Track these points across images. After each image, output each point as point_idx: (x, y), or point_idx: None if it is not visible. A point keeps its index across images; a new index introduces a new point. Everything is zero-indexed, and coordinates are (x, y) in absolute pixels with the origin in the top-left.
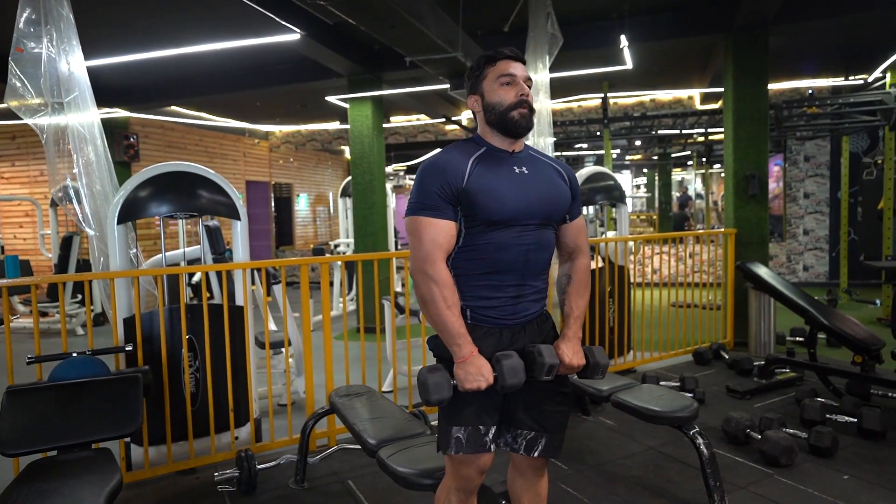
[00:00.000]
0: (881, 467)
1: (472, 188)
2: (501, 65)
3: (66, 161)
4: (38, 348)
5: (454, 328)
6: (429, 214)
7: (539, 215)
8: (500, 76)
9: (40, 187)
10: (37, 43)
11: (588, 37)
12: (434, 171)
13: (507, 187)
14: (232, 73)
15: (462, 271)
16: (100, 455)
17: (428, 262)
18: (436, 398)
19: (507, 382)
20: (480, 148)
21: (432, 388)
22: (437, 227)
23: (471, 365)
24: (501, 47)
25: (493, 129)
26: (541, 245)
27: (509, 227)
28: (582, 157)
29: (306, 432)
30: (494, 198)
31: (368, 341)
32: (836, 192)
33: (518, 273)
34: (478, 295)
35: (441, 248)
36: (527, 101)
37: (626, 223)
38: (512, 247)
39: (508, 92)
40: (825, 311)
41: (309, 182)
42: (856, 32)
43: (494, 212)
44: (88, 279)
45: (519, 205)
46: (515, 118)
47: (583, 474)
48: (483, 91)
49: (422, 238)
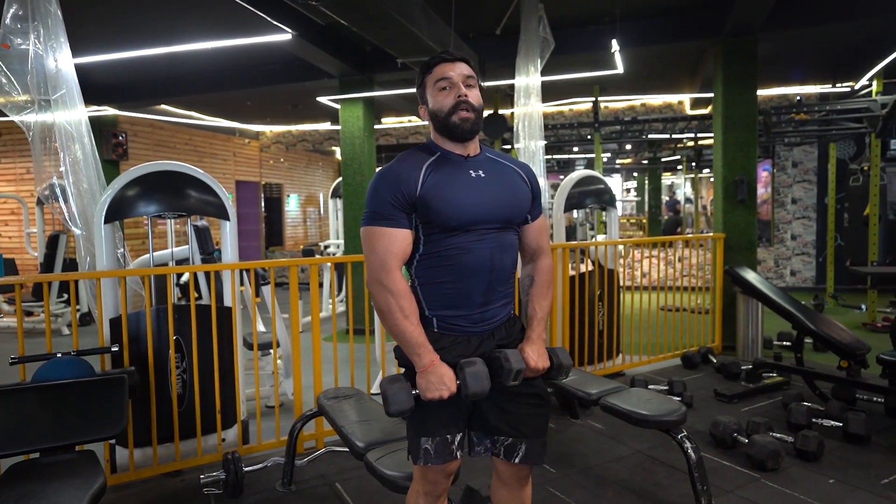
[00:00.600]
0: (866, 471)
1: (427, 195)
2: (437, 69)
3: (52, 159)
4: (21, 348)
5: (413, 338)
6: (383, 224)
7: (498, 218)
8: (437, 81)
9: (26, 185)
10: (24, 39)
11: (579, 41)
12: (387, 180)
13: (463, 192)
14: (223, 72)
15: (426, 280)
16: (83, 457)
17: (383, 272)
18: (395, 409)
19: (471, 390)
20: (434, 154)
21: (391, 400)
22: (391, 236)
23: (432, 374)
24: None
25: (442, 135)
26: (503, 247)
27: (468, 231)
28: (573, 160)
29: (294, 434)
30: (450, 204)
31: (357, 343)
32: (823, 198)
33: (485, 278)
34: (444, 304)
35: (396, 257)
36: (465, 101)
37: (615, 227)
38: (474, 251)
39: (446, 97)
40: (812, 315)
41: (299, 182)
42: (843, 40)
43: (451, 217)
44: (74, 279)
45: (476, 209)
46: (457, 122)
47: (571, 478)
48: (427, 98)
49: (375, 248)
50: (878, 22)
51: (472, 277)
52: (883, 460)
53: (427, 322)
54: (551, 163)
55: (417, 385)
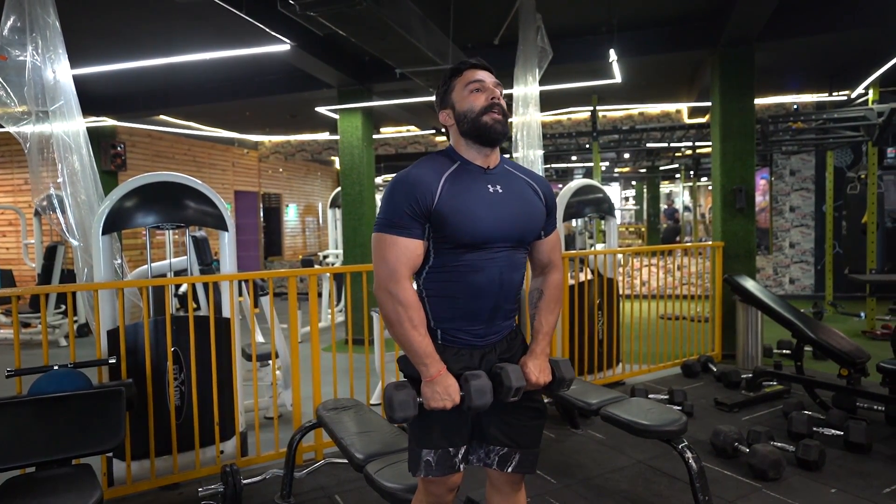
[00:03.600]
0: (867, 481)
1: (444, 209)
2: (468, 73)
3: (50, 170)
4: (17, 360)
5: (421, 348)
6: (395, 233)
7: (512, 237)
8: (469, 83)
9: (24, 196)
10: (21, 51)
11: (577, 51)
12: (404, 188)
13: (479, 208)
14: (221, 83)
15: (434, 293)
16: (80, 471)
17: (392, 281)
18: (400, 416)
19: (475, 404)
20: (454, 163)
21: (397, 406)
22: (403, 246)
23: (438, 384)
24: (472, 58)
25: (468, 139)
26: (513, 265)
27: (480, 249)
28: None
29: (293, 446)
30: (468, 219)
31: (357, 353)
32: (821, 206)
33: (492, 297)
34: (450, 317)
35: (406, 267)
36: (499, 104)
37: (614, 235)
38: (485, 269)
39: (478, 97)
40: (811, 324)
41: (298, 192)
42: (839, 50)
43: (467, 234)
44: (71, 290)
45: (493, 227)
46: (489, 123)
47: (571, 488)
48: (453, 102)
49: (386, 257)
50: (873, 32)
51: (481, 297)
52: (884, 469)
53: (431, 333)
54: (550, 172)
55: (422, 394)
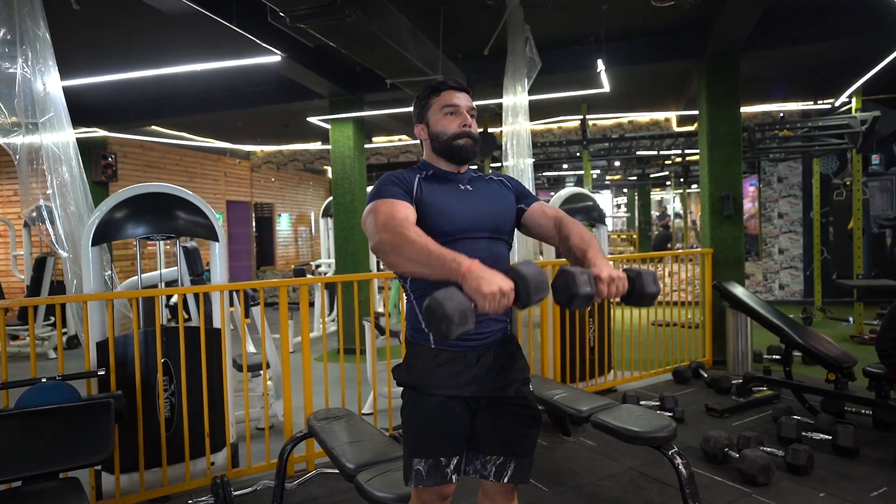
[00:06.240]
0: (856, 484)
1: (422, 202)
2: (445, 95)
3: (39, 181)
4: (4, 373)
5: (442, 251)
6: (388, 196)
7: (488, 226)
8: (444, 106)
9: (13, 207)
10: (11, 63)
11: (566, 61)
12: (391, 178)
13: (454, 202)
14: (213, 93)
15: (420, 294)
16: (67, 485)
17: (391, 220)
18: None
19: (533, 298)
20: (428, 170)
21: (458, 318)
22: (398, 202)
23: (482, 270)
24: (447, 78)
25: (439, 155)
26: (494, 257)
27: (457, 241)
28: (563, 177)
29: (284, 457)
30: (442, 211)
31: (348, 363)
32: (808, 212)
33: None
34: None
35: (402, 213)
36: (468, 132)
37: (605, 243)
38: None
39: (452, 122)
40: (799, 329)
41: (290, 202)
42: (822, 60)
43: (444, 223)
44: (60, 302)
45: (467, 217)
46: (460, 145)
47: (563, 496)
48: (428, 120)
49: (379, 209)
50: (855, 42)
51: None
52: (872, 473)
53: (424, 337)
54: (541, 180)
55: (468, 290)
